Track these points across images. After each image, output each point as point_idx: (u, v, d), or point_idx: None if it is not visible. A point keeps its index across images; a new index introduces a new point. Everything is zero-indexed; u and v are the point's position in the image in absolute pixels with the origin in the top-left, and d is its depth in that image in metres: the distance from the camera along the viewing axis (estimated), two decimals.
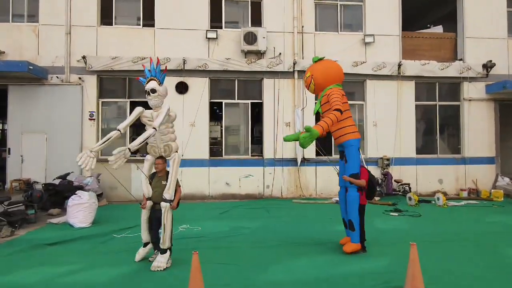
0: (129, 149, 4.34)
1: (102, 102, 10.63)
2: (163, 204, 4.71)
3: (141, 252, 5.03)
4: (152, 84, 4.81)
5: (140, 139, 4.54)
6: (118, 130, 4.48)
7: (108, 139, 4.40)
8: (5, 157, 10.36)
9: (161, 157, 4.94)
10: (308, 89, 5.83)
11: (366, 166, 5.66)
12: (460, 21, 11.79)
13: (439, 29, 12.06)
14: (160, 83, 4.91)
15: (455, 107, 11.80)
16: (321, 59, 5.73)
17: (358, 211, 5.29)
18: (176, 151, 4.98)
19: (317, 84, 5.53)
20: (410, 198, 9.50)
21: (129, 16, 10.92)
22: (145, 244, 5.05)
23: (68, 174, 9.38)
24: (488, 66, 11.43)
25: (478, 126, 11.51)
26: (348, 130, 5.35)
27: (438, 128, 11.71)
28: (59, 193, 8.78)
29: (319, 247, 5.62)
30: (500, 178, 11.37)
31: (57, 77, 10.24)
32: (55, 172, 9.66)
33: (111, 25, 10.70)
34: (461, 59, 11.65)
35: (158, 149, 4.96)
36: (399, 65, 11.10)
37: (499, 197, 10.19)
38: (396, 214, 8.20)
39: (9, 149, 10.12)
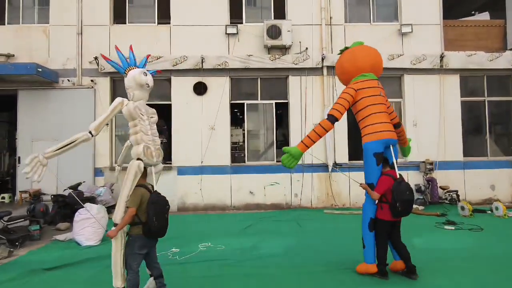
0: (45, 157, 3.44)
1: None
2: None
3: (150, 286, 3.96)
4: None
5: (60, 144, 3.55)
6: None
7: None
8: (15, 166, 9.77)
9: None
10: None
11: (397, 172, 4.48)
12: (509, 6, 10.45)
13: (485, 16, 10.74)
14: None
15: (506, 102, 10.41)
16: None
17: (375, 227, 4.45)
18: (138, 159, 3.72)
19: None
20: (462, 208, 8.22)
21: (144, 13, 10.20)
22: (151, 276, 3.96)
23: (79, 184, 8.66)
24: None
25: None
26: (365, 131, 4.58)
27: (487, 127, 10.34)
28: (69, 205, 8.04)
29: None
30: None
31: (68, 80, 9.60)
32: (67, 182, 8.91)
33: (125, 23, 10.01)
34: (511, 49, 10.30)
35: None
36: (441, 57, 9.86)
37: None
38: (452, 227, 6.96)
39: (19, 157, 9.52)
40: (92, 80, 9.62)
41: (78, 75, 9.63)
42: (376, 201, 4.47)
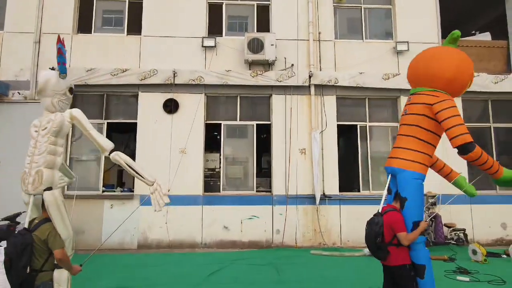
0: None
1: (73, 124, 8.64)
2: None
3: None
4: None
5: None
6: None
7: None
8: None
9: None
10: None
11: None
12: (511, 26, 9.69)
13: (486, 36, 9.94)
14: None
15: None
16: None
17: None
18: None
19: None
20: (474, 252, 6.88)
21: (112, 23, 9.20)
22: None
23: (18, 214, 7.19)
24: None
25: None
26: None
27: (494, 155, 9.21)
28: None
29: None
30: None
31: (19, 93, 8.38)
32: (8, 209, 7.51)
33: (90, 33, 8.97)
34: None
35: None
36: None
37: None
38: (467, 279, 5.60)
39: None
40: None
41: (31, 88, 8.43)
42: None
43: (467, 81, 3.66)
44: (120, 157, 3.15)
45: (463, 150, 3.37)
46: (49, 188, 2.96)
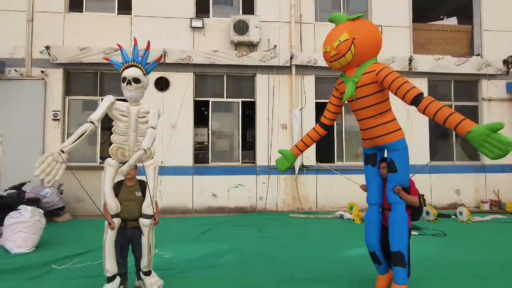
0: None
1: (69, 100, 9.17)
2: (146, 221, 3.79)
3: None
4: (136, 72, 3.81)
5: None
6: (92, 122, 3.55)
7: (82, 135, 3.47)
8: None
9: None
10: (334, 61, 3.75)
11: None
12: (476, 12, 10.53)
13: (453, 21, 10.79)
14: (147, 72, 3.92)
15: (472, 107, 10.45)
16: (360, 16, 3.77)
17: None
18: (153, 157, 3.95)
19: (359, 54, 3.61)
20: (427, 213, 8.08)
21: (103, 2, 9.53)
22: (111, 279, 3.72)
23: (23, 184, 7.87)
24: (509, 62, 10.15)
25: None
26: (392, 127, 3.70)
27: (454, 131, 10.33)
28: (8, 207, 7.25)
29: (328, 286, 4.15)
30: None
31: (16, 70, 8.78)
32: (12, 181, 8.14)
33: (81, 11, 9.31)
34: (478, 55, 10.37)
35: (129, 152, 3.79)
36: (410, 60, 9.78)
37: None
38: (416, 232, 6.75)
39: None
40: (42, 71, 8.85)
41: (27, 65, 8.83)
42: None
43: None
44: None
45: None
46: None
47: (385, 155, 3.89)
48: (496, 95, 10.26)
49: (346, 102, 3.90)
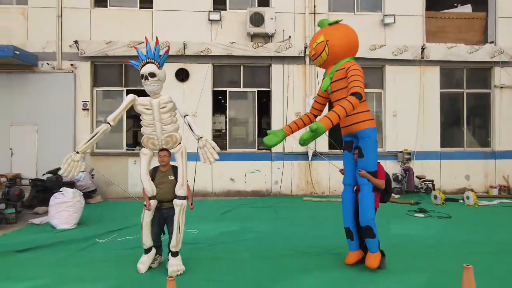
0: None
1: (96, 90, 9.84)
2: (178, 202, 4.24)
3: (146, 260, 4.33)
4: (151, 68, 4.21)
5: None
6: (107, 123, 4.11)
7: (95, 135, 4.06)
8: None
9: (164, 149, 4.34)
10: (315, 60, 4.48)
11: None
12: None
13: (467, 8, 10.84)
14: (160, 66, 4.28)
15: (485, 95, 10.62)
16: (337, 22, 4.44)
17: None
18: (180, 142, 4.44)
19: (333, 53, 4.24)
20: (435, 197, 8.47)
21: None
22: (148, 250, 4.35)
23: (59, 168, 8.53)
24: None
25: (510, 116, 10.33)
26: (363, 117, 4.24)
27: (465, 118, 10.57)
28: (48, 189, 8.04)
29: (334, 258, 4.70)
30: None
31: (48, 63, 9.46)
32: (47, 166, 8.93)
33: (106, 7, 9.84)
34: (492, 42, 10.45)
35: (158, 141, 4.31)
36: (423, 49, 9.97)
37: None
38: (422, 215, 7.20)
39: None
40: (72, 64, 9.50)
41: (58, 59, 9.50)
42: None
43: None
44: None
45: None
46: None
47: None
48: (508, 82, 10.37)
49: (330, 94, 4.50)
